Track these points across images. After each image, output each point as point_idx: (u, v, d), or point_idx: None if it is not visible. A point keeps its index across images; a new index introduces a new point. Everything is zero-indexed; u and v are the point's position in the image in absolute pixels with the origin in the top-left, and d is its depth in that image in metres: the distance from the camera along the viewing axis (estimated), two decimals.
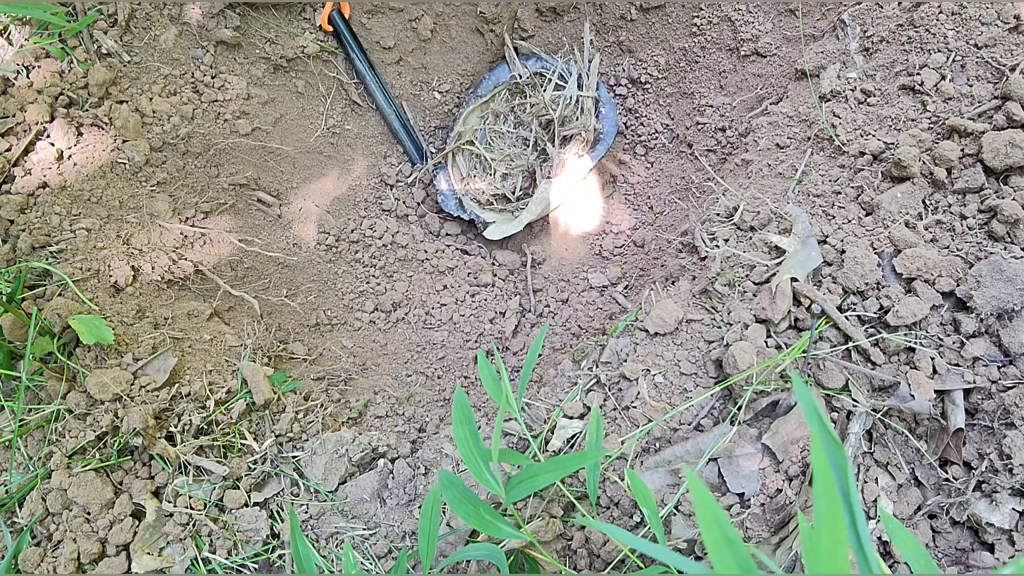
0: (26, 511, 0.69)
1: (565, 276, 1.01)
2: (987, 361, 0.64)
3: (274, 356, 0.89)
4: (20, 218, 0.79)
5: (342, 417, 0.81)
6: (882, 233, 0.70)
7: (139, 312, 0.81)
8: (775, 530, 0.61)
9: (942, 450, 0.64)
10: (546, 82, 1.02)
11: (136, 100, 0.88)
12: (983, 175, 0.69)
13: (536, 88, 1.02)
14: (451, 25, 1.04)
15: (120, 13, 0.87)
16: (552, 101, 1.01)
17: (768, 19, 0.96)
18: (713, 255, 0.74)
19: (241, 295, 0.93)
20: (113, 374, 0.72)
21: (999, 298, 0.63)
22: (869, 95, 0.78)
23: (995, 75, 0.74)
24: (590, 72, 1.03)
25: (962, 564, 0.61)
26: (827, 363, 0.65)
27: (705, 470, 0.64)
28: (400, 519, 0.70)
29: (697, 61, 1.01)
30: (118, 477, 0.70)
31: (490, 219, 1.00)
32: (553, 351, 0.94)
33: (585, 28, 1.04)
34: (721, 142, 0.99)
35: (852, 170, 0.76)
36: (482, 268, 1.02)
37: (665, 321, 0.71)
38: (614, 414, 0.69)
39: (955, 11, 0.77)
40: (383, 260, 1.01)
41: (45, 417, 0.71)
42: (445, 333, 0.98)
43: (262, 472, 0.72)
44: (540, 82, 1.03)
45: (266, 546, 0.70)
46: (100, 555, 0.67)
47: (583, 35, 1.04)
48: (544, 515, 0.66)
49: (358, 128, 1.07)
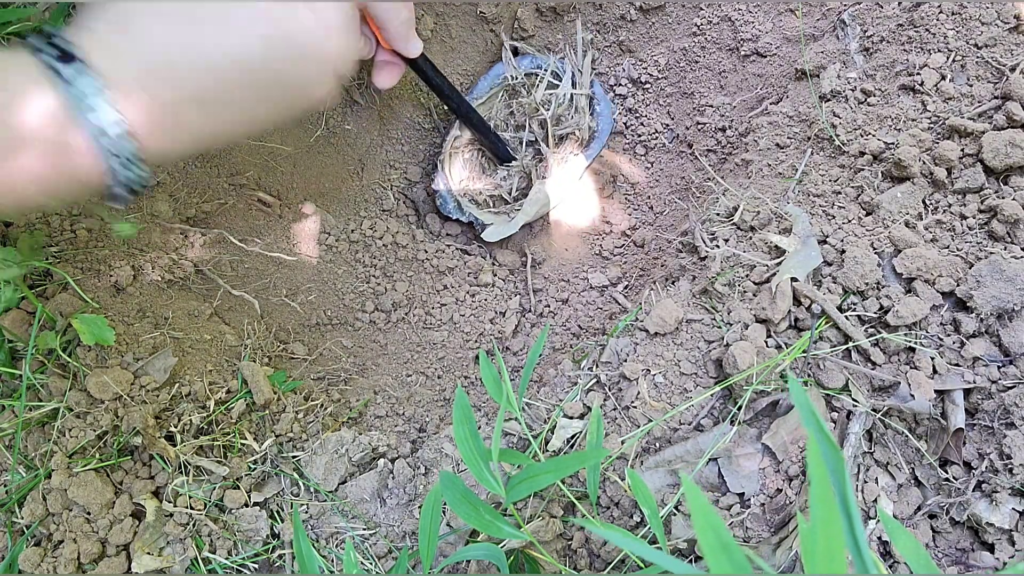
0: (26, 511, 0.69)
1: (565, 276, 1.01)
2: (987, 361, 0.64)
3: (274, 356, 0.89)
4: (20, 218, 0.79)
5: (342, 417, 0.81)
6: (882, 233, 0.70)
7: (140, 312, 0.81)
8: (775, 530, 0.61)
9: (942, 450, 0.64)
10: (538, 81, 1.02)
11: None
12: (983, 175, 0.69)
13: (530, 88, 1.02)
14: (451, 25, 1.04)
15: None
16: (544, 100, 1.01)
17: (768, 19, 0.96)
18: (713, 255, 0.74)
19: (241, 295, 0.93)
20: (114, 374, 0.72)
21: (999, 298, 0.63)
22: (869, 95, 0.78)
23: (995, 75, 0.74)
24: (583, 69, 1.02)
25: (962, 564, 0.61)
26: (827, 363, 0.65)
27: (705, 470, 0.64)
28: (400, 519, 0.70)
29: (697, 61, 1.01)
30: (118, 477, 0.70)
31: (488, 220, 1.00)
32: (553, 351, 0.94)
33: (578, 25, 1.04)
34: (721, 142, 0.98)
35: (852, 170, 0.76)
36: (482, 268, 1.02)
37: (665, 321, 0.71)
38: (614, 414, 0.69)
39: (955, 11, 0.77)
40: (383, 260, 1.01)
41: (46, 415, 0.71)
42: (445, 333, 0.98)
43: (262, 472, 0.72)
44: (534, 82, 1.02)
45: (266, 546, 0.70)
46: (100, 555, 0.67)
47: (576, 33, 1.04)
48: (544, 515, 0.66)
49: (358, 128, 1.07)
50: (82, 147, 0.40)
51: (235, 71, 0.44)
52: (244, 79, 0.44)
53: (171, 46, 0.42)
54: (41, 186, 0.41)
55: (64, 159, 0.41)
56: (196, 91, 0.43)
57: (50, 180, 0.41)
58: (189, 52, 0.42)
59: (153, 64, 0.42)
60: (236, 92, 0.45)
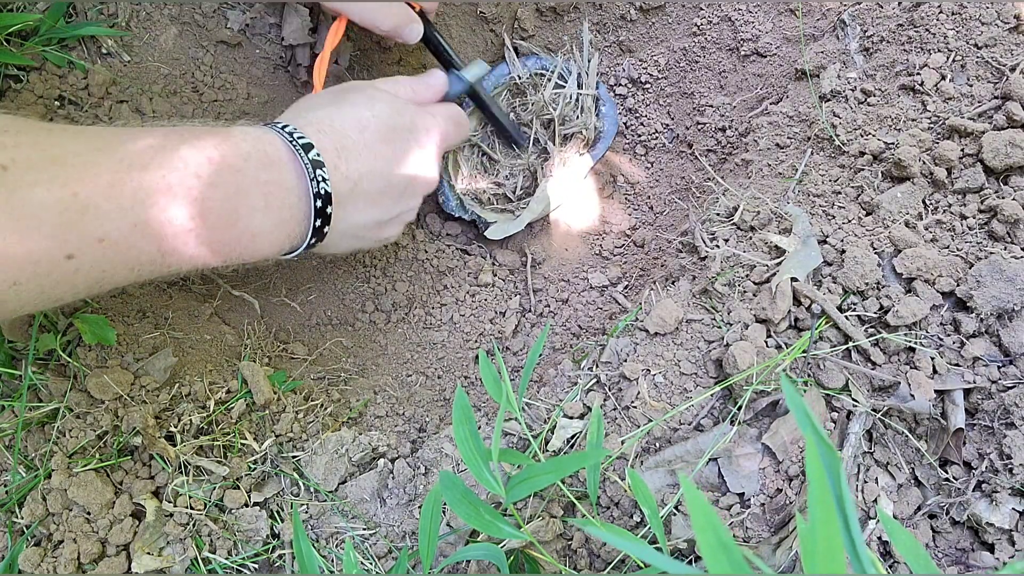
0: (26, 511, 0.69)
1: (565, 276, 1.01)
2: (987, 361, 0.64)
3: (274, 356, 0.89)
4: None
5: (342, 417, 0.81)
6: (882, 233, 0.70)
7: (140, 312, 0.81)
8: (775, 530, 0.61)
9: (942, 450, 0.64)
10: (545, 81, 1.02)
11: (136, 100, 0.88)
12: (983, 175, 0.69)
13: (536, 88, 1.02)
14: (451, 25, 1.04)
15: (120, 14, 0.87)
16: (552, 100, 1.01)
17: (768, 19, 0.96)
18: (713, 255, 0.74)
19: (241, 295, 0.93)
20: (114, 374, 0.72)
21: (999, 298, 0.63)
22: (869, 95, 0.78)
23: (995, 75, 0.74)
24: (589, 71, 1.02)
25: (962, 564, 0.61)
26: (827, 363, 0.65)
27: (705, 470, 0.64)
28: (400, 519, 0.70)
29: (697, 61, 1.01)
30: (118, 477, 0.71)
31: (491, 219, 1.00)
32: (553, 351, 0.94)
33: (584, 27, 1.04)
34: (721, 142, 0.98)
35: (852, 170, 0.76)
36: (482, 268, 1.02)
37: (665, 321, 0.71)
38: (614, 414, 0.69)
39: (955, 11, 0.77)
40: (383, 260, 1.01)
41: (46, 415, 0.71)
42: (445, 333, 0.98)
43: (262, 472, 0.73)
44: (539, 82, 1.02)
45: (266, 546, 0.70)
46: (100, 555, 0.67)
47: (582, 34, 1.04)
48: (544, 515, 0.66)
49: None
50: (288, 157, 0.63)
51: (373, 123, 0.70)
52: (380, 127, 0.70)
53: (337, 117, 0.68)
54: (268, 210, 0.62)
55: (280, 170, 0.62)
56: (355, 137, 0.68)
57: (278, 196, 0.62)
58: (349, 117, 0.69)
59: (331, 127, 0.67)
60: (376, 137, 0.70)
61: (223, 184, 0.56)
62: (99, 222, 0.48)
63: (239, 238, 0.59)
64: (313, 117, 0.67)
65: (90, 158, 0.49)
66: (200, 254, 0.57)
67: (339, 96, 0.70)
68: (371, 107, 0.70)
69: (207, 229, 0.55)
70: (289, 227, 0.63)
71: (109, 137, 0.52)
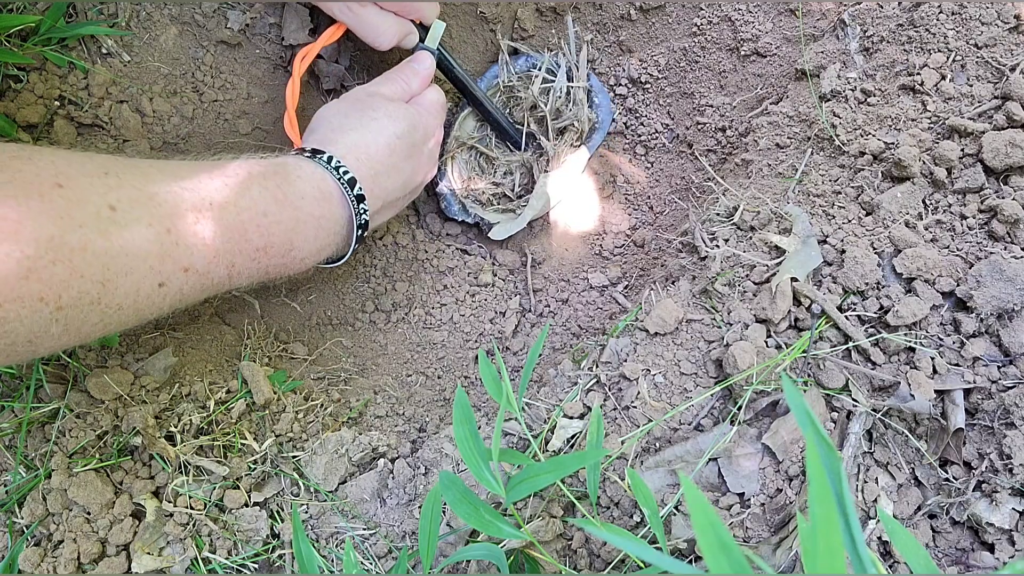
0: (26, 511, 0.69)
1: (565, 276, 1.01)
2: (987, 361, 0.64)
3: (274, 356, 0.89)
4: None
5: (342, 417, 0.81)
6: (882, 233, 0.70)
7: None
8: (775, 530, 0.61)
9: (942, 450, 0.64)
10: (533, 76, 1.02)
11: (136, 100, 0.88)
12: (983, 175, 0.69)
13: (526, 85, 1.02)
14: (451, 25, 1.04)
15: (120, 14, 0.87)
16: (541, 94, 1.01)
17: (768, 19, 0.96)
18: (713, 255, 0.74)
19: (241, 295, 0.93)
20: (114, 374, 0.72)
21: (999, 298, 0.63)
22: (869, 95, 0.78)
23: (995, 75, 0.74)
24: (579, 63, 1.02)
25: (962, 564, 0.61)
26: (827, 363, 0.65)
27: (705, 470, 0.64)
28: (400, 519, 0.70)
29: (697, 61, 1.01)
30: (118, 477, 0.71)
31: (494, 220, 1.00)
32: (553, 351, 0.94)
33: (568, 20, 1.04)
34: (721, 142, 0.98)
35: (852, 170, 0.76)
36: (482, 268, 1.02)
37: (665, 321, 0.71)
38: (614, 414, 0.69)
39: (955, 11, 0.77)
40: (383, 260, 1.01)
41: (46, 415, 0.71)
42: (445, 333, 0.98)
43: (262, 472, 0.73)
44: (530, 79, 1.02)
45: (266, 546, 0.70)
46: (100, 555, 0.67)
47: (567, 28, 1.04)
48: (544, 515, 0.66)
49: None
50: (337, 194, 0.72)
51: (398, 145, 0.78)
52: (403, 147, 0.79)
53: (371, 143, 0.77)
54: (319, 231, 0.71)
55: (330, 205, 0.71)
56: (385, 161, 0.77)
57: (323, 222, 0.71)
58: (380, 144, 0.77)
59: (366, 155, 0.75)
60: (400, 156, 0.79)
61: (285, 220, 0.66)
62: (187, 253, 0.57)
63: (291, 262, 0.69)
64: (349, 143, 0.75)
65: (179, 195, 0.57)
66: (258, 276, 0.67)
67: (362, 115, 0.78)
68: (394, 126, 0.78)
69: (268, 257, 0.66)
70: (330, 250, 0.74)
71: (188, 174, 0.60)
